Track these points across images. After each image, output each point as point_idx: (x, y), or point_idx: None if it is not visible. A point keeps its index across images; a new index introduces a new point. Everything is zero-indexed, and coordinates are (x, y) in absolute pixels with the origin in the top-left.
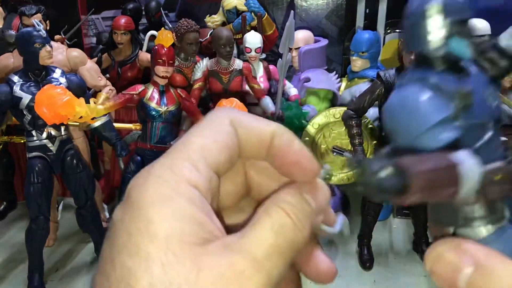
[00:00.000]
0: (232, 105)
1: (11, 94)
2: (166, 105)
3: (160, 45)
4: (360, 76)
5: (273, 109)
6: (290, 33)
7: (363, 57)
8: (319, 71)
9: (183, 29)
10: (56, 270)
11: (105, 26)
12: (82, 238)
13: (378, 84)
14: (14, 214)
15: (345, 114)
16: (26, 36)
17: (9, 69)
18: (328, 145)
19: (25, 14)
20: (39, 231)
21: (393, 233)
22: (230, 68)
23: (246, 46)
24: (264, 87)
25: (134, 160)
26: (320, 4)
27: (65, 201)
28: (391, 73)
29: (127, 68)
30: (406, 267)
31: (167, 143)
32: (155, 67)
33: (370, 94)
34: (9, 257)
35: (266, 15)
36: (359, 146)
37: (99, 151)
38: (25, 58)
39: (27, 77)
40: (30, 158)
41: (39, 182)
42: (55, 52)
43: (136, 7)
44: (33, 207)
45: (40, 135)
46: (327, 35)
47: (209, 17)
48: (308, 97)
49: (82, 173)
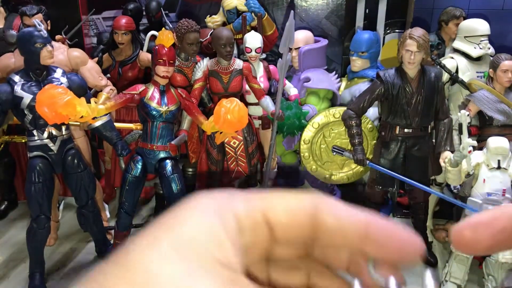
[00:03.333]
0: (233, 105)
1: (12, 94)
2: (166, 105)
3: (160, 45)
4: (360, 76)
5: (273, 109)
6: (290, 33)
7: (362, 57)
8: (319, 71)
9: (184, 29)
10: (57, 269)
11: (106, 26)
12: (83, 237)
13: (378, 84)
14: (15, 214)
15: (345, 113)
16: (27, 36)
17: (10, 69)
18: (328, 145)
19: (26, 14)
20: (40, 230)
21: None
22: (230, 68)
23: (246, 46)
24: (264, 87)
25: (135, 160)
26: (320, 4)
27: (66, 200)
28: (390, 73)
29: (128, 68)
30: None
31: (168, 142)
32: (155, 67)
33: (370, 94)
34: (10, 256)
35: (266, 15)
36: (358, 146)
37: (100, 151)
38: (26, 58)
39: (28, 77)
40: (31, 157)
41: (40, 182)
42: (56, 52)
43: (136, 7)
44: (34, 207)
45: (41, 135)
46: (327, 35)
47: (209, 17)
48: (308, 97)
49: (83, 173)
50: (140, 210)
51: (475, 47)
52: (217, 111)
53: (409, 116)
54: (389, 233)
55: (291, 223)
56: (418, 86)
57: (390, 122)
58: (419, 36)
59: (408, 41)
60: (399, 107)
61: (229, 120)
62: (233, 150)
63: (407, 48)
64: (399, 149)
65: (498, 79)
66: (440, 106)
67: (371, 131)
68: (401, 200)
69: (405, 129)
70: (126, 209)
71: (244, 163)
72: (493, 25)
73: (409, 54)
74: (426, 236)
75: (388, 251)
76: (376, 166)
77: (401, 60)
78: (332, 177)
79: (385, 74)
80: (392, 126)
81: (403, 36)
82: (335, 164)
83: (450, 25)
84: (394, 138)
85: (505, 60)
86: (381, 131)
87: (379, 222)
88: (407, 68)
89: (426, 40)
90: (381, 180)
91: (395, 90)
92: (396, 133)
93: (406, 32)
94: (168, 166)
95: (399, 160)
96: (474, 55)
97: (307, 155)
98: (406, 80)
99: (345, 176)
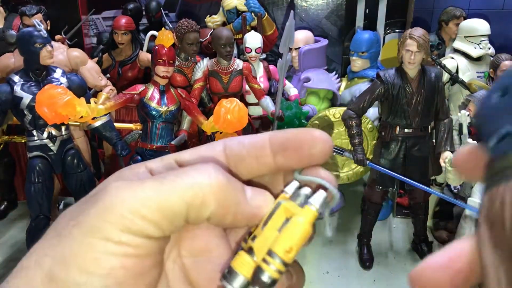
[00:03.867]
0: (232, 105)
1: (11, 94)
2: (166, 105)
3: (160, 45)
4: (360, 76)
5: (273, 109)
6: (290, 33)
7: (363, 57)
8: (319, 71)
9: (184, 29)
10: None
11: (106, 26)
12: None
13: (378, 84)
14: (14, 214)
15: (345, 114)
16: (26, 36)
17: (10, 69)
18: None
19: (26, 14)
20: (40, 231)
21: (393, 233)
22: (230, 68)
23: (246, 46)
24: (264, 87)
25: (135, 160)
26: (320, 4)
27: (65, 200)
28: (391, 73)
29: (128, 68)
30: (406, 267)
31: (167, 143)
32: (155, 67)
33: (370, 94)
34: (9, 256)
35: (266, 15)
36: (359, 146)
37: (100, 151)
38: (25, 58)
39: (28, 77)
40: (31, 157)
41: (40, 182)
42: (56, 52)
43: (136, 7)
44: (34, 207)
45: (41, 135)
46: (327, 35)
47: (209, 17)
48: (308, 97)
49: (83, 173)
50: None
51: (475, 47)
52: (217, 111)
53: (409, 116)
54: (286, 136)
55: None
56: (418, 86)
57: (390, 122)
58: (419, 36)
59: (408, 41)
60: (399, 107)
61: (229, 120)
62: None
63: (407, 48)
64: (399, 149)
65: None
66: (440, 106)
67: (371, 131)
68: (401, 200)
69: (405, 129)
70: None
71: None
72: (493, 25)
73: (409, 54)
74: (426, 236)
75: (293, 153)
76: (376, 166)
77: (401, 60)
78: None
79: (385, 74)
80: (392, 126)
81: (403, 36)
82: (335, 164)
83: (450, 25)
84: (394, 138)
85: (506, 60)
86: (381, 131)
87: (276, 133)
88: (407, 68)
89: (426, 40)
90: (381, 180)
91: (395, 90)
92: (396, 133)
93: (406, 32)
94: None
95: (399, 160)
96: (474, 55)
97: None
98: (406, 80)
99: (345, 176)
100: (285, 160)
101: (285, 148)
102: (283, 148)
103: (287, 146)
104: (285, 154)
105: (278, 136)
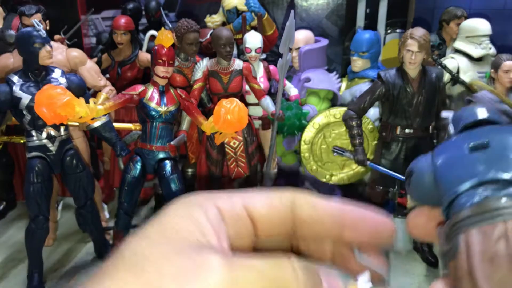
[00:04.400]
0: (232, 105)
1: (10, 94)
2: (166, 105)
3: (160, 45)
4: (360, 76)
5: (273, 109)
6: (290, 33)
7: (363, 57)
8: (319, 71)
9: (183, 29)
10: (56, 270)
11: (105, 26)
12: (82, 238)
13: (378, 84)
14: (13, 214)
15: (346, 114)
16: (25, 36)
17: (9, 69)
18: (328, 145)
19: (25, 14)
20: (39, 231)
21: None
22: (230, 68)
23: (246, 46)
24: (264, 87)
25: (134, 160)
26: (320, 4)
27: (64, 200)
28: (391, 73)
29: (127, 68)
30: (406, 267)
31: (167, 143)
32: (155, 67)
33: (371, 94)
34: (8, 257)
35: (266, 15)
36: (359, 146)
37: (99, 151)
38: (24, 58)
39: (27, 77)
40: (30, 158)
41: (39, 182)
42: (55, 52)
43: (136, 7)
44: (33, 207)
45: (40, 135)
46: (327, 35)
47: (209, 17)
48: (308, 97)
49: (82, 173)
50: (139, 210)
51: (476, 47)
52: (216, 112)
53: (410, 117)
54: (363, 216)
55: (271, 216)
56: (419, 86)
57: (391, 122)
58: (420, 36)
59: (409, 41)
60: (400, 108)
61: (229, 121)
62: (233, 150)
63: (408, 48)
64: (400, 149)
65: (499, 79)
66: (441, 106)
67: (371, 131)
68: (402, 201)
69: (406, 129)
70: (125, 209)
71: (244, 164)
72: (494, 25)
73: (410, 54)
74: None
75: (364, 234)
76: (377, 167)
77: (402, 60)
78: (333, 177)
79: (386, 74)
80: (393, 126)
81: (404, 36)
82: (335, 164)
83: (451, 25)
84: (395, 139)
85: (507, 60)
86: (382, 131)
87: (352, 208)
88: (408, 69)
89: (427, 40)
90: (382, 181)
91: (396, 90)
92: (397, 134)
93: (407, 32)
94: (168, 166)
95: (400, 160)
96: (475, 55)
97: (308, 156)
98: (407, 80)
99: (346, 176)
100: (354, 237)
101: (358, 227)
102: (355, 226)
103: (362, 227)
104: (356, 232)
105: (356, 212)
